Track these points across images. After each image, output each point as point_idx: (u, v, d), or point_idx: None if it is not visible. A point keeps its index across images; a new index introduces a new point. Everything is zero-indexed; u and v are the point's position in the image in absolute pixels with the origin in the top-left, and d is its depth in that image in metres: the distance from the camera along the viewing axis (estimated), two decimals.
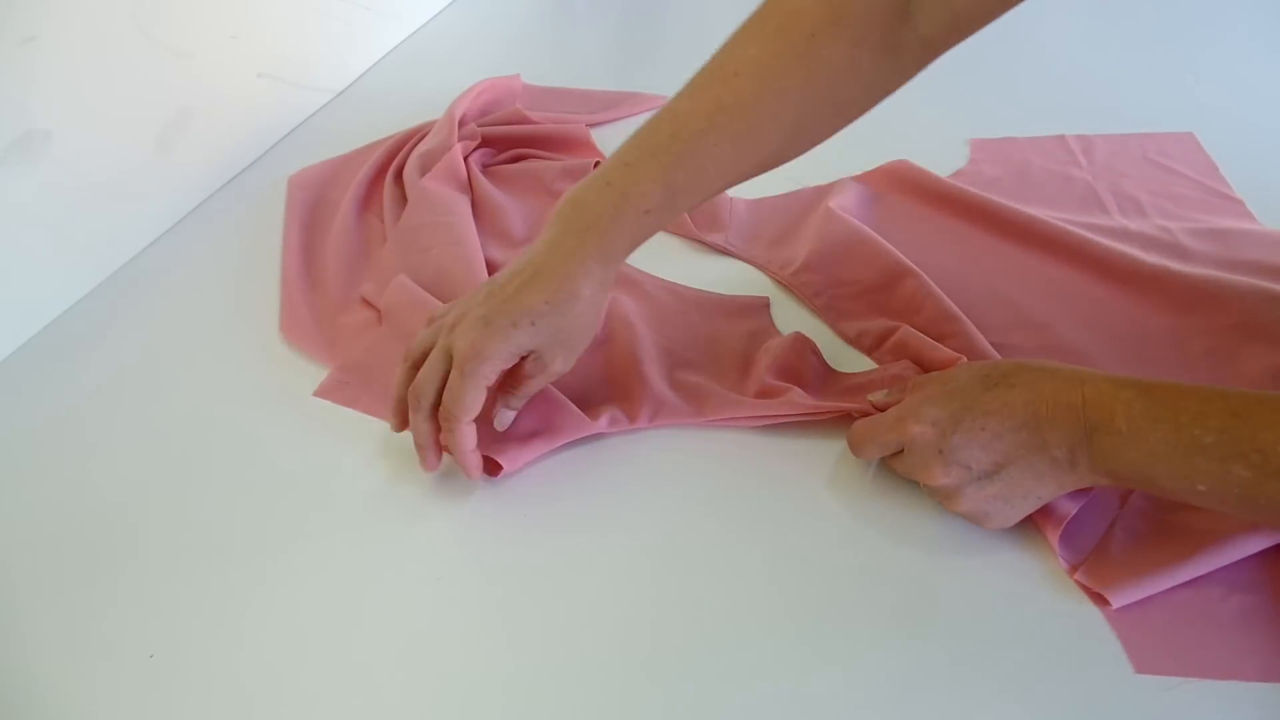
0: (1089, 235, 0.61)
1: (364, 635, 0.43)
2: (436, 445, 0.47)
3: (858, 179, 0.72)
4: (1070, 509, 0.44)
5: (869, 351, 0.56)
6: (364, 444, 0.52)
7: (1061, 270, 0.61)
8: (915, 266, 0.59)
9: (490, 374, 0.45)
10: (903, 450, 0.45)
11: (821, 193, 0.70)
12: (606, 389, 0.54)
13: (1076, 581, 0.42)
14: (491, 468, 0.48)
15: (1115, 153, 0.73)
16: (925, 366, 0.52)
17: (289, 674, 0.41)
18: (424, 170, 0.71)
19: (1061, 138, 0.75)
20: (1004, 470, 0.42)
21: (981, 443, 0.42)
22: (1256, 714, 0.37)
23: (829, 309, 0.60)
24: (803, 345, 0.55)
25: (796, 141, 0.48)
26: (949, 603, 0.42)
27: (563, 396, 0.51)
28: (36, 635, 0.44)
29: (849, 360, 0.56)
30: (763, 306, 0.61)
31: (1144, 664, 0.39)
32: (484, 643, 0.42)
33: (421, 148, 0.74)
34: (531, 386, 0.48)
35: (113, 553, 0.47)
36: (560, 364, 0.47)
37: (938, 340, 0.54)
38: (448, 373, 0.45)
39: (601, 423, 0.51)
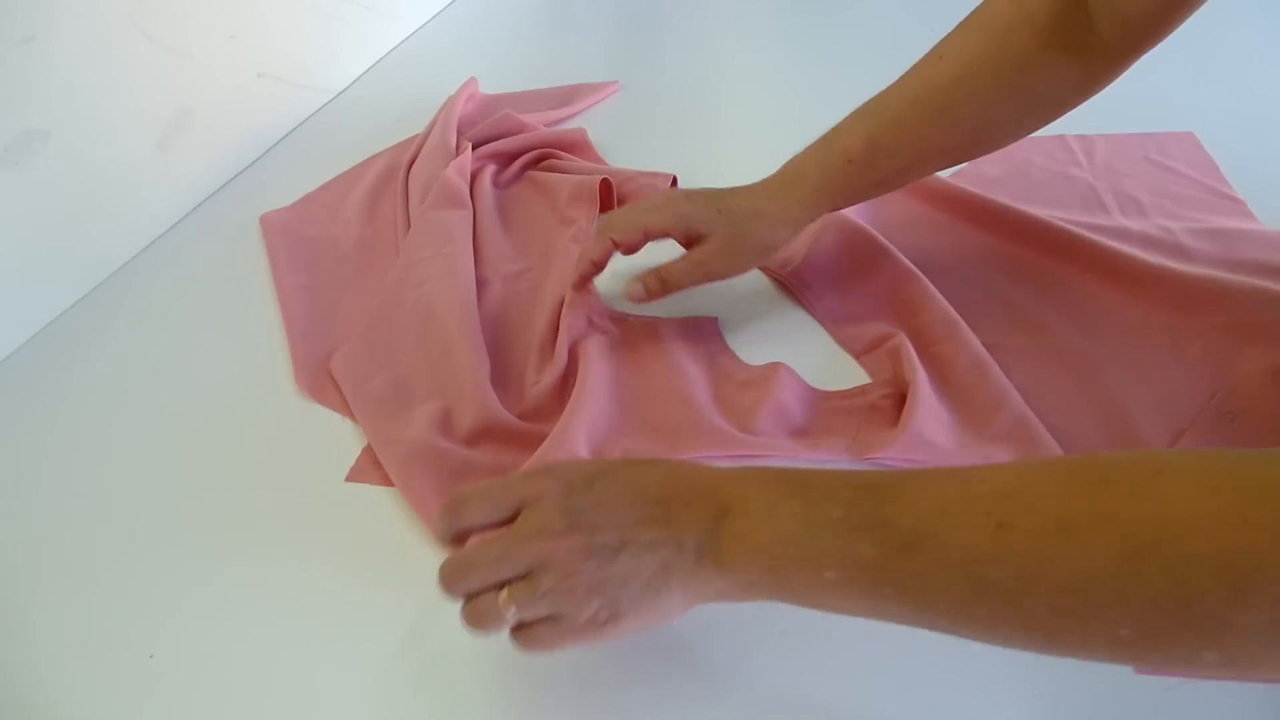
0: (1089, 235, 0.61)
1: (364, 635, 0.43)
2: (599, 240, 0.55)
3: None
4: None
5: (859, 356, 0.56)
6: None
7: (1062, 270, 0.61)
8: (914, 268, 0.59)
9: (667, 217, 0.54)
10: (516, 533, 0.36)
11: None
12: (569, 436, 0.49)
13: None
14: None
15: (1116, 152, 0.73)
16: (904, 383, 0.51)
17: (289, 674, 0.41)
18: (426, 191, 0.70)
19: (1062, 138, 0.75)
20: (627, 549, 0.35)
21: (611, 510, 0.36)
22: (1256, 714, 0.37)
23: (826, 310, 0.60)
24: (784, 376, 0.53)
25: (992, 129, 0.53)
26: None
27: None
28: (36, 635, 0.44)
29: (845, 363, 0.56)
30: (713, 327, 0.59)
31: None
32: (485, 642, 0.42)
33: (421, 172, 0.73)
34: (683, 274, 0.54)
35: (113, 553, 0.47)
36: (719, 265, 0.54)
37: (933, 344, 0.54)
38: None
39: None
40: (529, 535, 0.36)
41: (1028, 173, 0.72)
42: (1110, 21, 0.47)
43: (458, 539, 0.38)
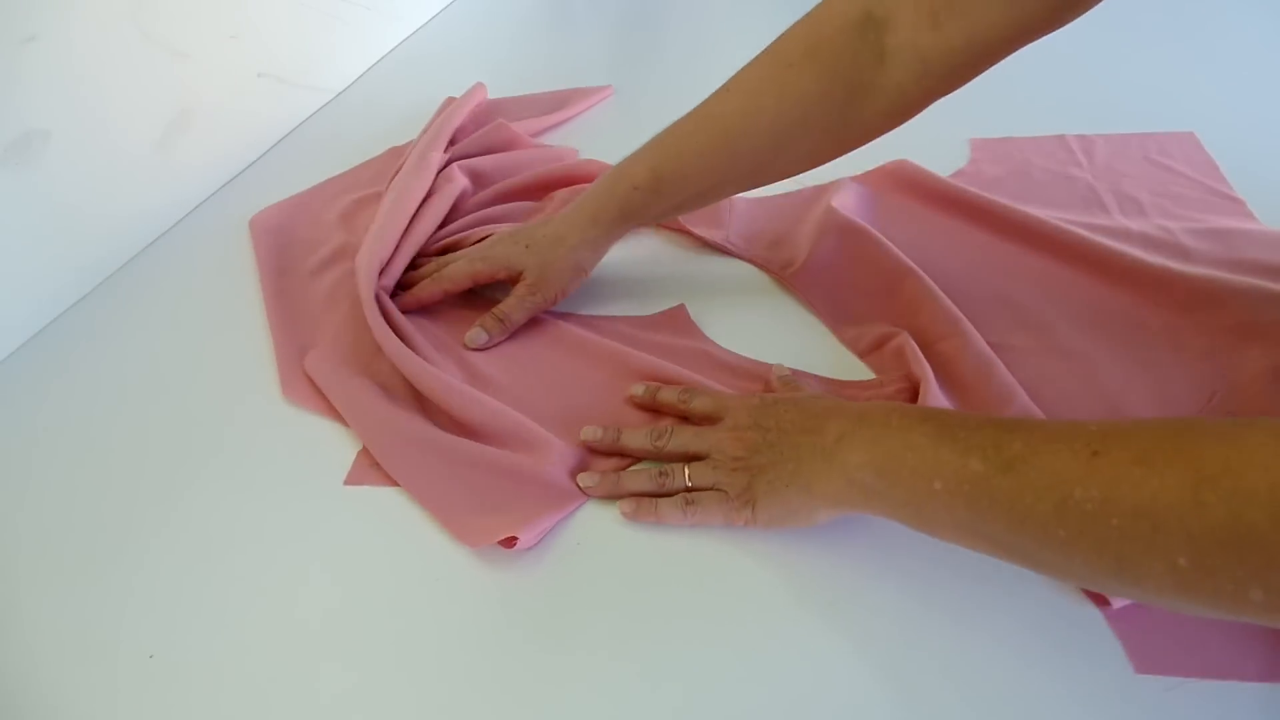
0: (1089, 235, 0.61)
1: (364, 635, 0.42)
2: (433, 286, 0.60)
3: (858, 179, 0.72)
4: None
5: (863, 355, 0.56)
6: None
7: (1062, 270, 0.61)
8: (915, 267, 0.59)
9: (485, 264, 0.59)
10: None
11: (822, 192, 0.70)
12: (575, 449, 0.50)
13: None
14: (506, 542, 0.45)
15: (1116, 152, 0.73)
16: (916, 379, 0.52)
17: (289, 674, 0.41)
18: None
19: (1061, 138, 0.75)
20: (779, 446, 0.44)
21: (782, 418, 0.45)
22: (1256, 714, 0.37)
23: (828, 310, 0.60)
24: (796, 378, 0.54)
25: (775, 160, 0.53)
26: (948, 603, 0.42)
27: (561, 473, 0.48)
28: (36, 635, 0.44)
29: (849, 362, 0.56)
30: (684, 316, 0.60)
31: (1144, 664, 0.39)
32: (484, 642, 0.42)
33: (398, 185, 0.70)
34: (512, 311, 0.58)
35: (113, 553, 0.47)
36: (541, 294, 0.58)
37: (936, 341, 0.54)
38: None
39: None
40: (723, 426, 0.47)
41: (1028, 173, 0.72)
42: (908, 62, 0.47)
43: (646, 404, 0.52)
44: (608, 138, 0.81)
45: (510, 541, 0.44)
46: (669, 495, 0.46)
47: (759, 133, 0.51)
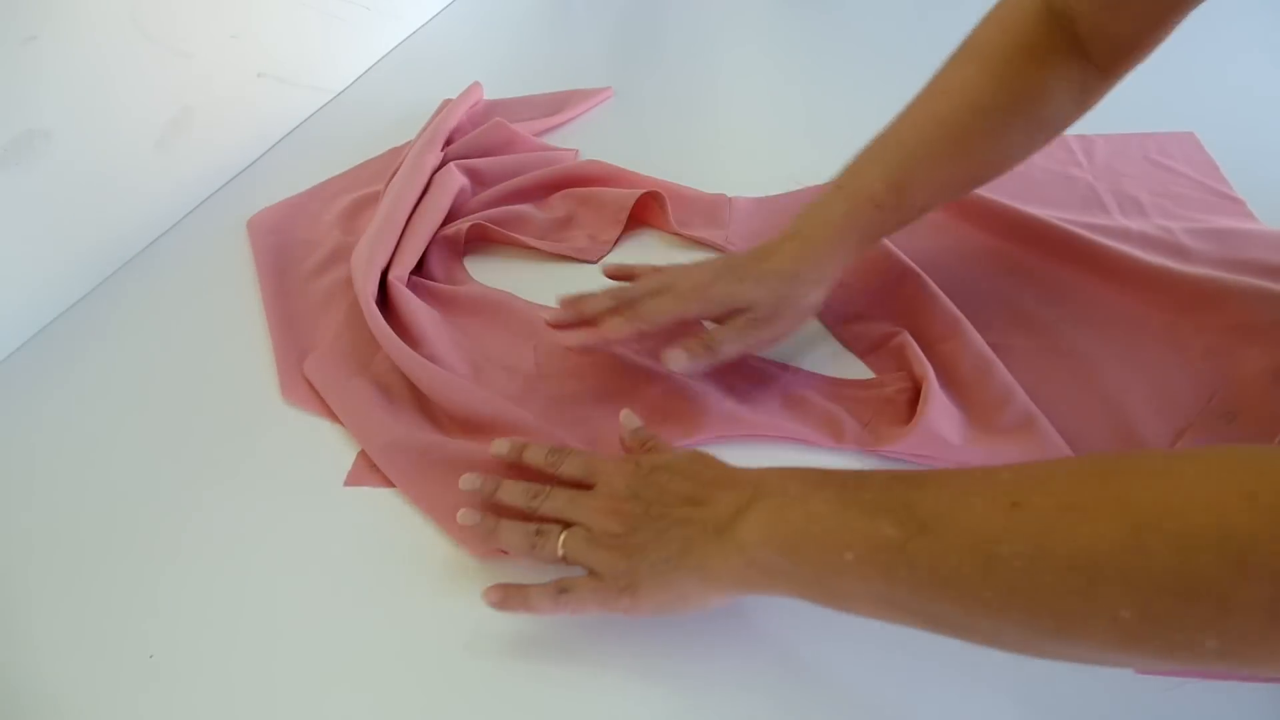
0: (1089, 235, 0.61)
1: (364, 634, 0.42)
2: (627, 326, 0.51)
3: None
4: None
5: (863, 355, 0.56)
6: None
7: (1062, 270, 0.61)
8: (915, 267, 0.59)
9: (694, 311, 0.51)
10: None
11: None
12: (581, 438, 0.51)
13: None
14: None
15: (1116, 152, 0.73)
16: (919, 376, 0.52)
17: (290, 674, 0.41)
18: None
19: (1062, 138, 0.75)
20: (662, 522, 0.39)
21: (665, 489, 0.40)
22: (1256, 714, 0.37)
23: (828, 309, 0.60)
24: (792, 370, 0.55)
25: (1005, 156, 0.53)
26: None
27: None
28: (36, 635, 0.44)
29: (850, 362, 0.56)
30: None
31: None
32: (483, 643, 0.42)
33: (396, 185, 0.70)
34: (725, 344, 0.50)
35: (113, 553, 0.47)
36: (766, 333, 0.51)
37: (935, 341, 0.54)
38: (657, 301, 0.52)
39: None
40: (598, 494, 0.42)
41: (1028, 173, 0.72)
42: (1100, 42, 0.49)
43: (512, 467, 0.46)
44: (608, 139, 0.81)
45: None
46: (542, 557, 0.41)
47: (991, 131, 0.51)
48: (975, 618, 0.31)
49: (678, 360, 0.49)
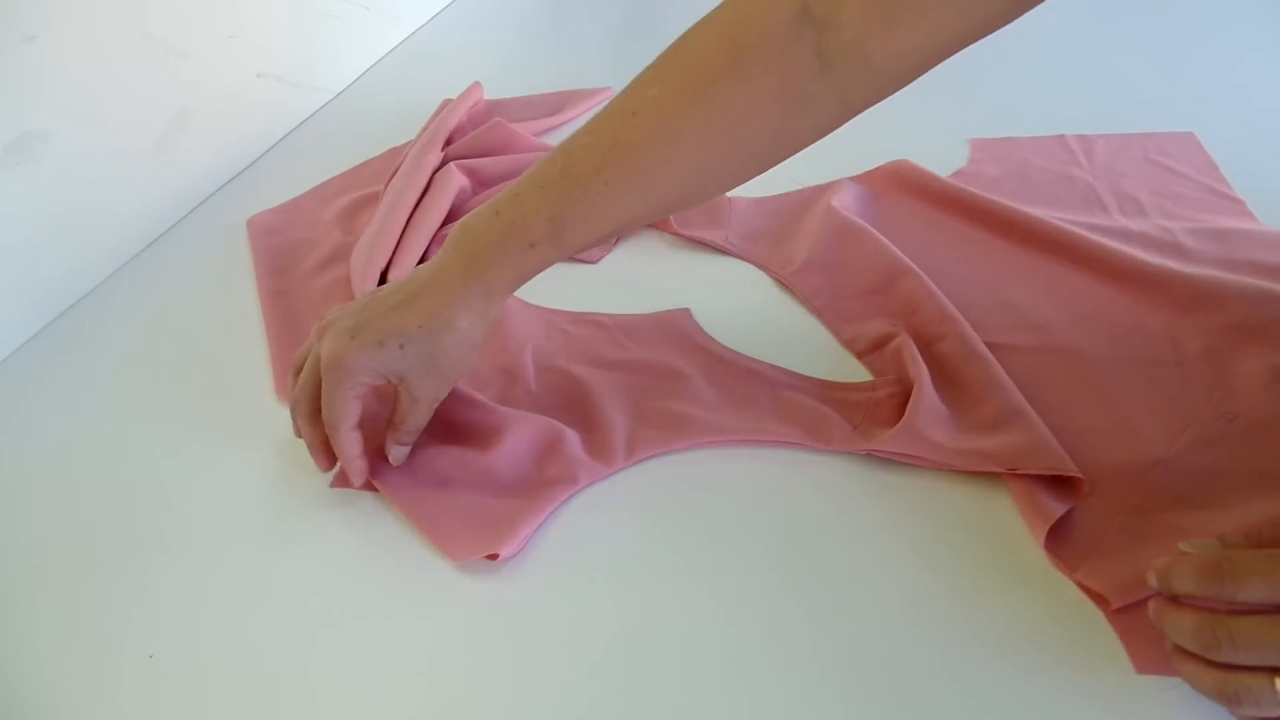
0: (1089, 235, 0.61)
1: (364, 635, 0.43)
2: (325, 448, 0.47)
3: (857, 179, 0.72)
4: (1058, 510, 0.44)
5: (861, 356, 0.56)
6: None
7: (1061, 270, 0.61)
8: (915, 267, 0.59)
9: (353, 387, 0.44)
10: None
11: (821, 192, 0.70)
12: (565, 443, 0.50)
13: (1076, 581, 0.42)
14: (490, 555, 0.44)
15: (1115, 153, 0.73)
16: (910, 381, 0.51)
17: (290, 674, 0.41)
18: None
19: (1061, 138, 0.75)
20: None
21: None
22: None
23: (828, 310, 0.60)
24: (785, 371, 0.55)
25: (700, 186, 0.46)
26: (948, 603, 0.42)
27: (534, 471, 0.49)
28: (36, 635, 0.44)
29: (848, 362, 0.56)
30: (687, 317, 0.60)
31: (1144, 664, 0.39)
32: (480, 645, 0.42)
33: (396, 186, 0.71)
34: (412, 418, 0.47)
35: (112, 553, 0.47)
36: (431, 392, 0.46)
37: (933, 341, 0.54)
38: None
39: (579, 479, 0.48)
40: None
41: (1028, 173, 0.72)
42: (852, 67, 0.41)
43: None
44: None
45: (494, 555, 0.44)
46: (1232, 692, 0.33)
47: (680, 164, 0.44)
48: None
49: (399, 456, 0.48)
